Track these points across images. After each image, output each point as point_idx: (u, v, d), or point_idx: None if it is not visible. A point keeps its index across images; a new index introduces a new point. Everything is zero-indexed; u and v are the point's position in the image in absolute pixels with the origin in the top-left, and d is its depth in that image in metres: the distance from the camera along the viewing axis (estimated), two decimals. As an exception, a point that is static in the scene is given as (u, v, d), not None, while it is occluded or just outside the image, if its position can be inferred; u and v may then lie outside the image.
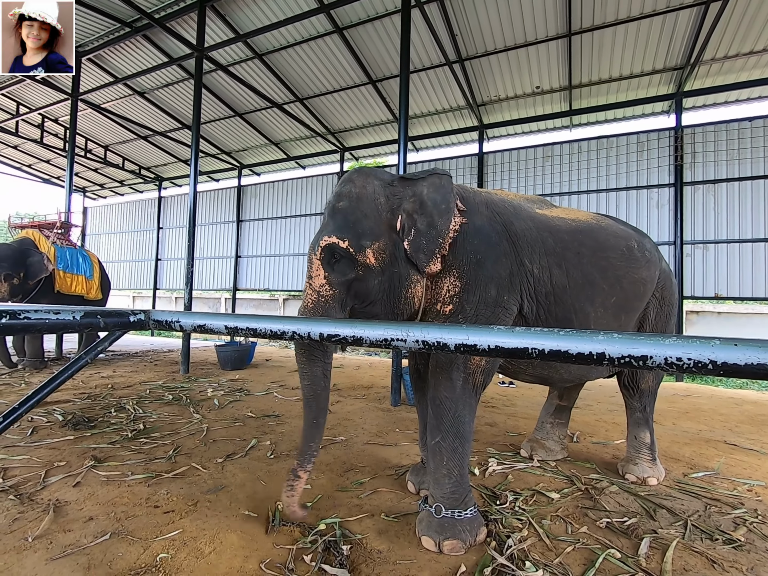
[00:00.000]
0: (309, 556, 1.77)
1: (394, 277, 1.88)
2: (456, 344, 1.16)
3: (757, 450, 3.32)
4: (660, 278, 2.61)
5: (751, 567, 1.77)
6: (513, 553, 1.79)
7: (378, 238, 1.85)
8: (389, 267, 1.87)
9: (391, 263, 1.87)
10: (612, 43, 6.55)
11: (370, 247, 1.82)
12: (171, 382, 5.33)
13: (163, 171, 13.22)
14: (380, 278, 1.86)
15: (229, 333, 1.55)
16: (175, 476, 2.50)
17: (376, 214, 1.87)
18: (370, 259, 1.82)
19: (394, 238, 1.89)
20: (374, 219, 1.86)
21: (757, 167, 6.88)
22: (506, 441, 3.40)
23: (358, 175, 1.96)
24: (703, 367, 0.92)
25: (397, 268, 1.88)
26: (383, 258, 1.85)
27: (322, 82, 8.31)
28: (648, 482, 2.58)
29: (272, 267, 11.38)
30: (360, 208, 1.87)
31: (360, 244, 1.81)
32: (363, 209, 1.86)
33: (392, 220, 1.89)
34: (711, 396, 5.80)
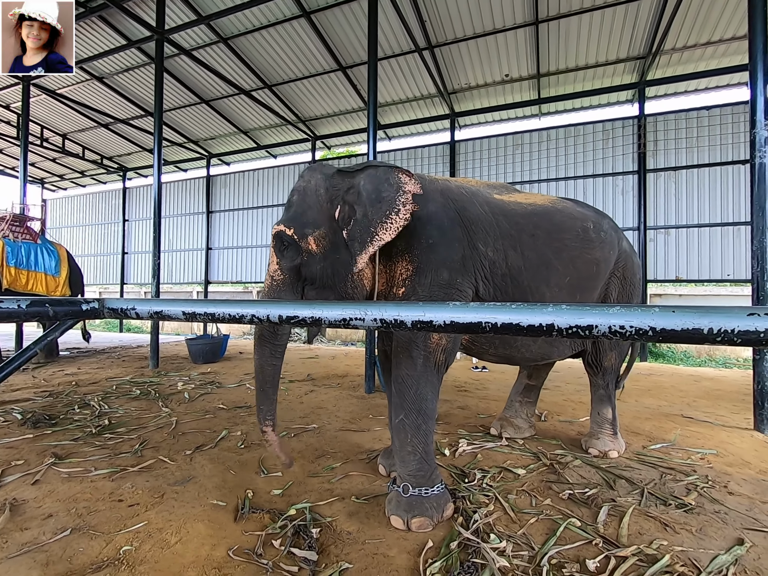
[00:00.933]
0: (278, 541, 1.77)
1: (337, 262, 1.98)
2: (413, 321, 1.17)
3: (711, 422, 3.51)
4: (620, 258, 2.70)
5: (699, 528, 1.88)
6: (479, 527, 1.84)
7: (319, 226, 1.97)
8: (331, 253, 1.98)
9: (332, 250, 1.98)
10: (578, 31, 6.65)
11: (312, 234, 1.95)
12: (139, 378, 5.19)
13: (127, 161, 12.70)
14: (323, 263, 1.98)
15: (187, 319, 1.51)
16: (141, 470, 2.44)
17: (317, 205, 2.00)
18: (312, 246, 1.95)
19: (334, 227, 1.99)
20: (316, 209, 1.99)
21: (714, 154, 7.17)
22: (477, 422, 3.47)
23: (308, 170, 2.12)
24: (644, 333, 0.96)
25: (339, 254, 1.98)
26: (324, 245, 1.97)
27: (291, 68, 8.12)
28: (609, 455, 2.69)
29: (245, 259, 11.17)
30: (305, 200, 2.02)
31: (303, 232, 1.95)
32: (307, 201, 2.01)
33: (331, 210, 2.00)
34: (672, 374, 6.08)
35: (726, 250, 7.13)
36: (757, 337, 0.84)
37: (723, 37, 6.45)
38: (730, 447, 2.91)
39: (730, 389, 4.93)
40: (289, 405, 3.99)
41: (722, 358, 7.73)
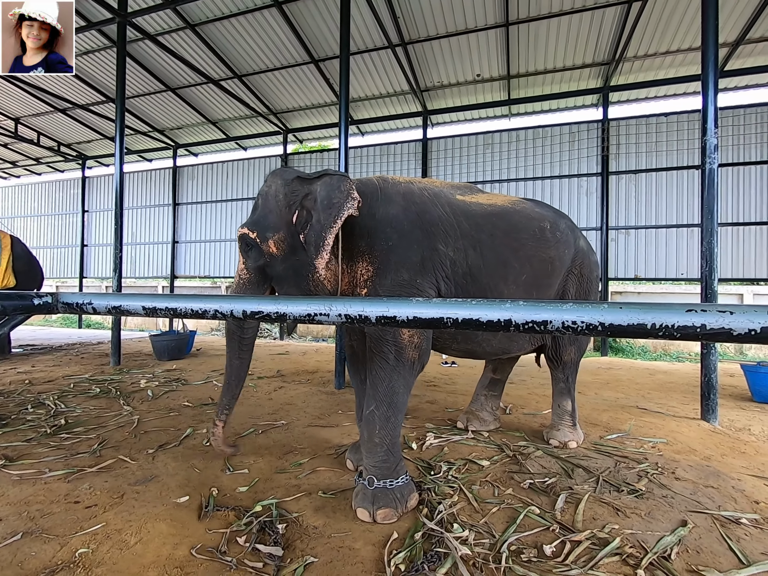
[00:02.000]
0: (243, 538, 1.75)
1: (297, 264, 2.07)
2: (377, 316, 1.19)
3: (663, 412, 3.72)
4: (577, 256, 2.81)
5: (648, 512, 1.99)
6: (443, 518, 1.89)
7: (278, 230, 2.06)
8: (290, 255, 2.07)
9: (291, 252, 2.07)
10: (546, 35, 6.82)
11: (272, 238, 2.05)
12: (99, 375, 4.99)
13: (87, 149, 12.09)
14: (284, 265, 2.09)
15: (148, 314, 1.47)
16: (100, 470, 2.36)
17: (277, 209, 2.09)
18: (272, 249, 2.06)
19: (292, 231, 2.07)
20: (276, 214, 2.08)
21: (671, 159, 7.54)
22: (445, 416, 3.54)
23: (271, 175, 2.21)
24: (594, 329, 1.01)
25: (298, 257, 2.06)
26: (283, 248, 2.06)
27: (262, 59, 7.94)
28: (569, 446, 2.81)
29: (213, 253, 10.89)
30: (267, 204, 2.12)
31: (264, 236, 2.05)
32: (268, 205, 2.11)
33: (289, 215, 2.07)
34: (630, 368, 6.38)
35: (680, 250, 7.53)
36: (694, 331, 0.90)
37: (680, 48, 6.77)
38: (679, 436, 3.09)
39: (681, 382, 5.23)
40: (257, 401, 3.95)
41: (676, 353, 8.17)
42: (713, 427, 3.35)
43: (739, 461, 2.65)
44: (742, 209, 7.31)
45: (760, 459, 2.69)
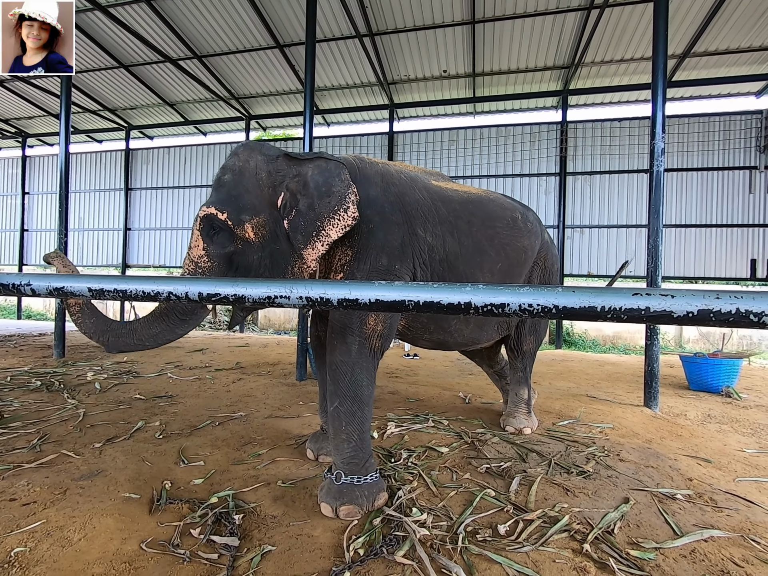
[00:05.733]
0: (197, 530, 1.70)
1: (276, 253, 1.88)
2: (339, 299, 1.17)
3: (610, 400, 3.95)
4: (542, 248, 2.91)
5: (595, 491, 2.11)
6: (402, 503, 1.91)
7: (258, 213, 1.83)
8: (270, 243, 1.86)
9: (272, 239, 1.86)
10: (511, 35, 6.98)
11: (249, 221, 1.80)
12: (41, 368, 4.67)
13: (28, 125, 11.19)
14: (260, 254, 1.85)
15: (94, 296, 1.38)
16: (40, 465, 2.21)
17: (257, 189, 1.85)
18: (249, 234, 1.81)
19: (275, 215, 1.87)
20: (255, 194, 1.84)
21: (623, 163, 7.97)
22: (407, 406, 3.58)
23: (243, 148, 1.93)
24: (549, 311, 1.05)
25: (279, 245, 1.87)
26: (263, 234, 1.84)
27: (224, 40, 7.63)
28: (524, 432, 2.92)
29: (169, 241, 10.43)
30: (242, 182, 1.84)
31: (239, 218, 1.79)
32: (245, 183, 1.84)
33: (273, 197, 1.87)
34: (581, 360, 6.71)
35: (629, 249, 7.99)
36: (639, 314, 0.95)
37: (634, 56, 7.14)
38: (624, 421, 3.29)
39: (627, 372, 5.56)
40: (214, 393, 3.83)
41: (623, 346, 8.69)
42: (654, 413, 3.59)
43: (676, 443, 2.86)
44: (685, 212, 7.84)
45: (695, 441, 2.92)
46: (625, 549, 1.62)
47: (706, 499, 2.06)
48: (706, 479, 2.28)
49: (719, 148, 7.63)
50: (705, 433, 3.12)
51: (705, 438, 2.99)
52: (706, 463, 2.52)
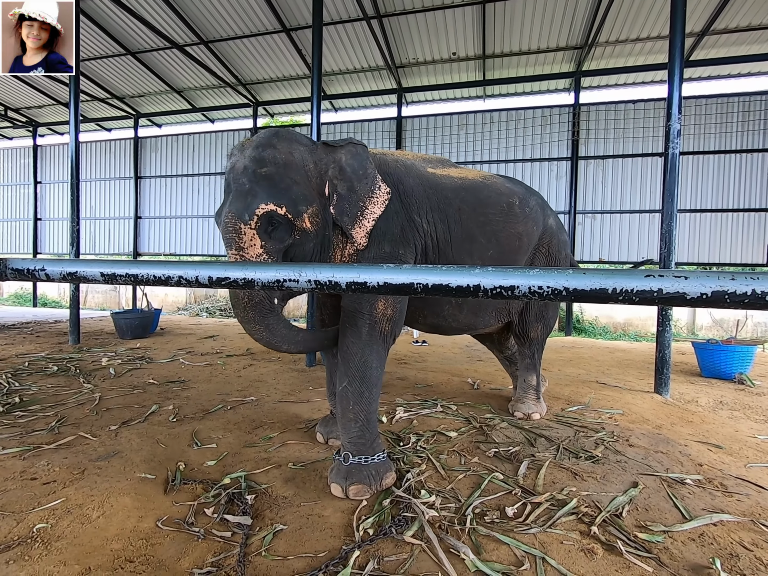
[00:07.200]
0: (211, 509, 1.75)
1: (326, 240, 1.99)
2: (347, 282, 1.17)
3: (620, 386, 3.93)
4: (545, 234, 2.87)
5: (603, 475, 2.12)
6: (411, 485, 1.94)
7: (311, 203, 1.89)
8: (322, 230, 1.95)
9: (323, 227, 1.96)
10: (522, 15, 6.78)
11: (306, 212, 1.85)
12: (57, 354, 4.78)
13: (38, 114, 11.25)
14: (315, 241, 1.94)
15: (106, 280, 1.40)
16: (59, 447, 2.28)
17: (306, 180, 1.89)
18: (306, 224, 1.86)
19: (323, 203, 1.96)
20: (305, 185, 1.88)
21: (636, 146, 7.77)
22: (415, 392, 3.61)
23: (279, 139, 1.89)
24: (559, 293, 1.03)
25: (328, 231, 1.98)
26: (317, 222, 1.91)
27: (230, 24, 7.53)
28: (532, 417, 2.93)
29: (179, 229, 10.49)
30: (288, 174, 1.84)
31: (297, 210, 1.82)
32: (292, 175, 1.84)
33: (321, 186, 1.95)
34: (591, 347, 6.67)
35: (642, 235, 7.84)
36: (651, 295, 0.93)
37: (650, 35, 6.90)
38: (634, 407, 3.28)
39: (637, 359, 5.52)
40: (226, 379, 3.89)
41: (634, 333, 8.60)
42: (665, 399, 3.57)
43: (686, 429, 2.84)
44: (700, 197, 7.65)
45: (705, 427, 2.90)
46: (633, 532, 1.63)
47: (716, 484, 2.05)
48: (716, 465, 2.27)
49: (737, 129, 7.39)
50: (716, 419, 3.10)
51: (716, 424, 2.97)
52: (717, 448, 2.51)
